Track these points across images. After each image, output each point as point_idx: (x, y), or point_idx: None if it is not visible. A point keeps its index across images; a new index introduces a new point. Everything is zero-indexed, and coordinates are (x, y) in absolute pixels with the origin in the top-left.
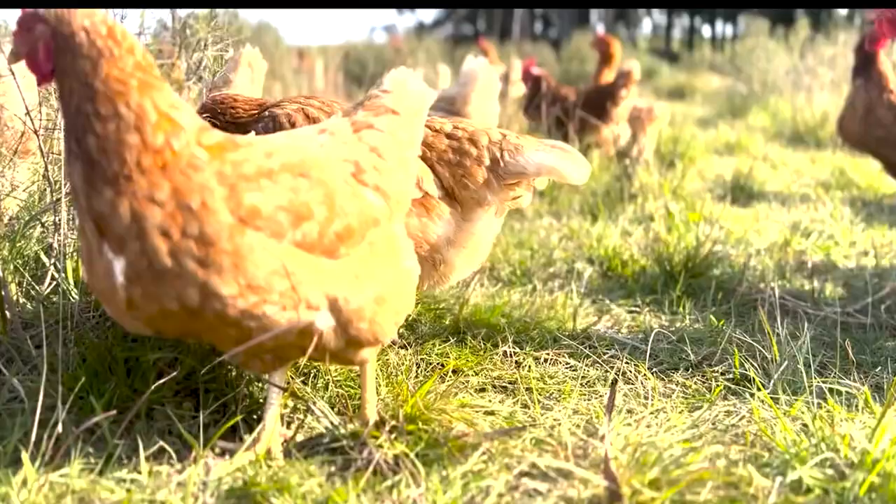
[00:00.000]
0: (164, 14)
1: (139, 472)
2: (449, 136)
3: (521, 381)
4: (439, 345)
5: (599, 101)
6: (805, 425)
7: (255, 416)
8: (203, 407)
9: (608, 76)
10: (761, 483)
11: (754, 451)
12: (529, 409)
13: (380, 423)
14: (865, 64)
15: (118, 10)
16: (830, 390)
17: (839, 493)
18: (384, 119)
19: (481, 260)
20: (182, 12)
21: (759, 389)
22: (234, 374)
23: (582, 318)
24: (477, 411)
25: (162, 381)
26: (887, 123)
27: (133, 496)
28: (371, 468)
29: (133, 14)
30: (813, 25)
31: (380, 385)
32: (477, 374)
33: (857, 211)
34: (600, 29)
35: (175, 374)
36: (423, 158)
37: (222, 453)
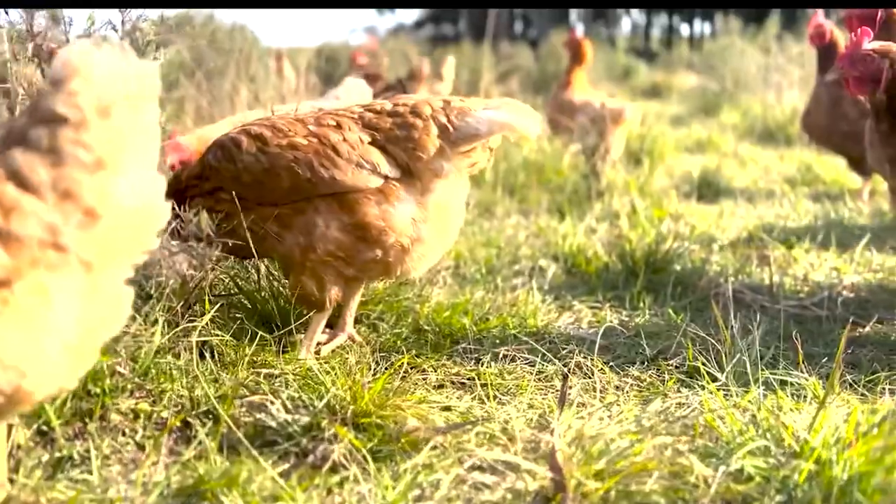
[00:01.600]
0: (115, 16)
1: (91, 474)
2: (391, 113)
3: (480, 378)
4: (400, 342)
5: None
6: (754, 416)
7: (210, 416)
8: (160, 406)
9: (580, 75)
10: (703, 472)
11: (702, 442)
12: (486, 404)
13: (334, 420)
14: (829, 58)
15: (66, 12)
16: (781, 382)
17: (780, 481)
18: (41, 132)
19: (455, 229)
20: (133, 14)
21: (709, 382)
22: (191, 374)
23: (543, 314)
24: (433, 407)
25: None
26: (853, 118)
27: (82, 496)
28: (323, 464)
29: (80, 15)
30: (785, 24)
31: (336, 382)
32: (436, 371)
33: (822, 206)
34: (580, 28)
35: (128, 374)
36: (373, 142)
37: (175, 452)
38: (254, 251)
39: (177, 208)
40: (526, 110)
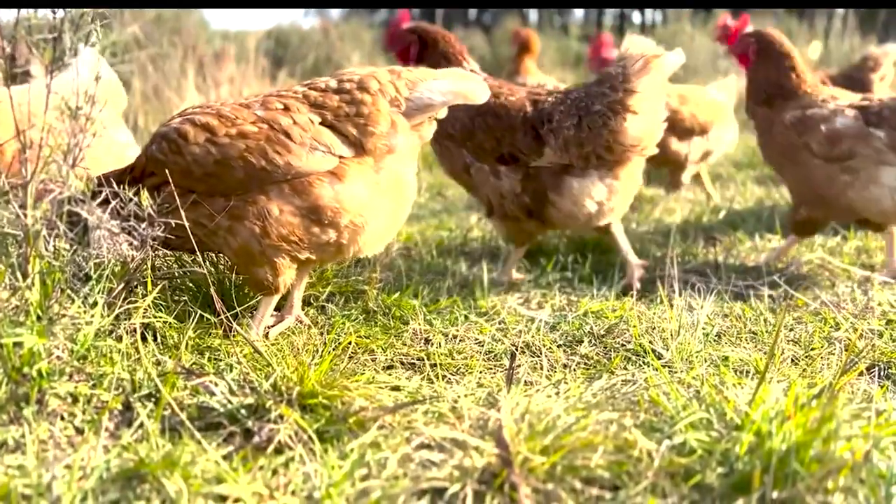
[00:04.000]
0: None
1: (26, 459)
2: (337, 91)
3: (429, 358)
4: (349, 324)
5: None
6: (697, 391)
7: (152, 398)
8: (100, 390)
9: (529, 64)
10: (647, 446)
11: (647, 417)
12: (435, 383)
13: (280, 400)
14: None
15: None
16: (725, 358)
17: (721, 454)
18: None
19: (409, 203)
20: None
21: (655, 359)
22: (132, 357)
23: (494, 295)
24: (382, 387)
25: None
26: None
27: (16, 482)
28: (268, 445)
29: None
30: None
31: (282, 363)
32: (385, 352)
33: (767, 189)
34: (532, 15)
35: (67, 357)
36: (323, 122)
37: (116, 435)
38: (196, 247)
39: (115, 186)
40: (474, 77)
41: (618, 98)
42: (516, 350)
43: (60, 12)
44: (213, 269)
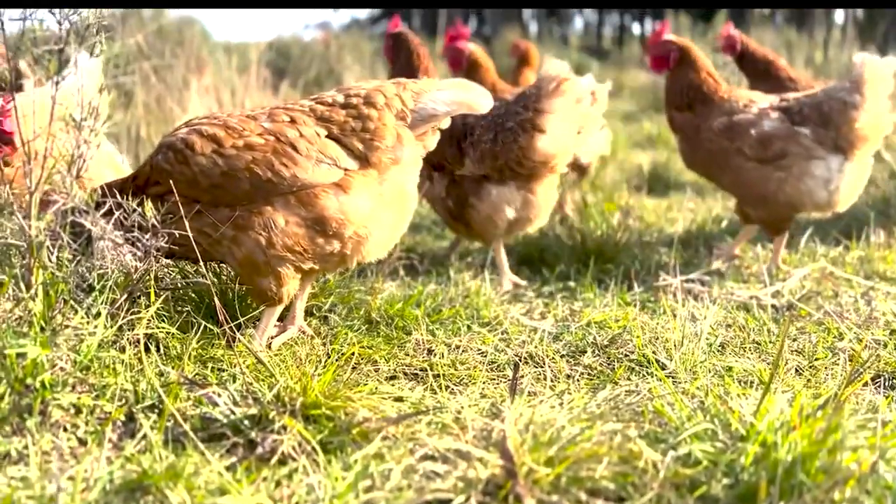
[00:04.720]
0: None
1: (29, 470)
2: (344, 105)
3: (432, 368)
4: (352, 334)
5: None
6: (702, 402)
7: (155, 409)
8: (103, 401)
9: (529, 76)
10: (652, 457)
11: (651, 428)
12: (438, 394)
13: (283, 411)
14: (746, 65)
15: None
16: (729, 368)
17: (727, 465)
18: None
19: (410, 212)
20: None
21: (658, 370)
22: (135, 368)
23: (496, 305)
24: (385, 398)
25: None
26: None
27: (19, 493)
28: (271, 456)
29: None
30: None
31: (285, 373)
32: (388, 362)
33: None
34: (532, 26)
35: (70, 368)
36: (329, 135)
37: (119, 446)
38: (200, 257)
39: (119, 197)
40: (476, 87)
41: (528, 117)
42: (519, 360)
43: (66, 23)
44: (216, 280)
